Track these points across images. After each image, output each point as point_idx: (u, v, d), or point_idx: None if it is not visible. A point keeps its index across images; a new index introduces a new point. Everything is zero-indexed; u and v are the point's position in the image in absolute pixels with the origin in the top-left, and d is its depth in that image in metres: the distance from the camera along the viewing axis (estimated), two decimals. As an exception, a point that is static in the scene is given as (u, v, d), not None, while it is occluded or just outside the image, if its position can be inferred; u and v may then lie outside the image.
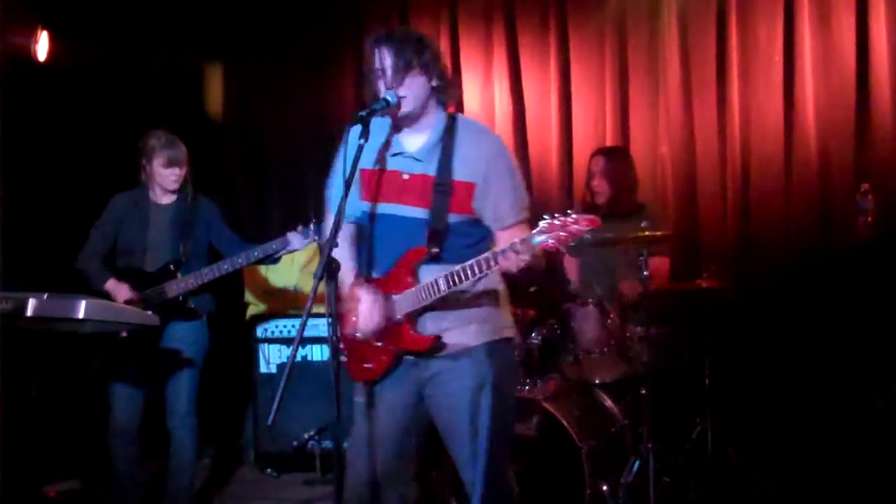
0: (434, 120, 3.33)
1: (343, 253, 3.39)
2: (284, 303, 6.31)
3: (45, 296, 3.96)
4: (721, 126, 5.98)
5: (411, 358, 3.34)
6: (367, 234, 3.40)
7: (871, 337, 5.33)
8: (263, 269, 6.31)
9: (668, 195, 6.07)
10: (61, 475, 5.37)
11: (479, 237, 3.33)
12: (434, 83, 3.29)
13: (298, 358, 5.84)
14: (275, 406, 2.81)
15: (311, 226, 4.79)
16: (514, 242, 2.99)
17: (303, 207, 4.90)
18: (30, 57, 5.75)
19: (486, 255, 3.06)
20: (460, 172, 3.28)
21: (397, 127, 3.34)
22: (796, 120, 5.78)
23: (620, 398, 4.94)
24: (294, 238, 4.80)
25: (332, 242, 2.94)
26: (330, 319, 2.98)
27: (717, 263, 5.55)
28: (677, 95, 6.07)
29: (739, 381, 5.59)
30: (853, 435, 5.24)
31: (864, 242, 5.13)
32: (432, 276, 3.20)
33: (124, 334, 4.36)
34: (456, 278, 3.12)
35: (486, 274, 3.09)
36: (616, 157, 5.53)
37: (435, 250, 3.24)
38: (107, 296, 4.72)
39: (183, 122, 5.31)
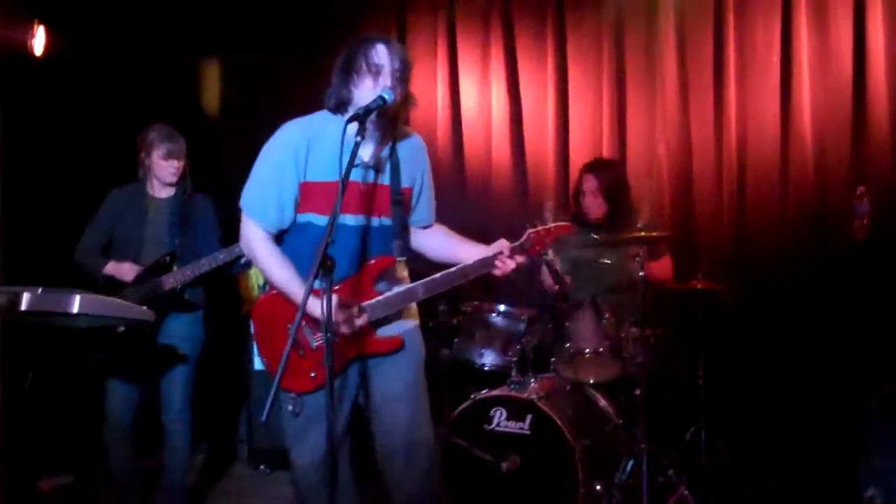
0: (393, 132, 3.42)
1: (284, 260, 3.41)
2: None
3: (40, 290, 3.94)
4: (718, 128, 5.98)
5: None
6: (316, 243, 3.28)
7: (865, 339, 5.34)
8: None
9: (665, 196, 6.08)
10: (55, 470, 5.36)
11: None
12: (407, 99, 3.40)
13: (293, 354, 5.82)
14: (269, 402, 2.81)
15: None
16: (500, 251, 3.22)
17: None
18: (26, 51, 5.75)
19: (471, 263, 3.30)
20: (405, 180, 3.46)
21: (362, 134, 3.18)
22: (793, 122, 5.79)
23: (614, 398, 4.95)
24: None
25: (328, 239, 2.94)
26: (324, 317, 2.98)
27: (713, 264, 5.57)
28: (674, 97, 6.08)
29: (733, 382, 5.59)
30: (847, 436, 5.24)
31: (860, 245, 5.13)
32: (386, 283, 3.35)
33: (122, 329, 4.35)
34: (433, 285, 3.27)
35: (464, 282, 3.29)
36: (608, 175, 5.44)
37: (402, 259, 3.42)
38: (110, 280, 4.73)
39: (179, 116, 5.30)
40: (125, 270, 4.76)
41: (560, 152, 6.34)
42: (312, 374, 3.39)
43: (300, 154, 3.36)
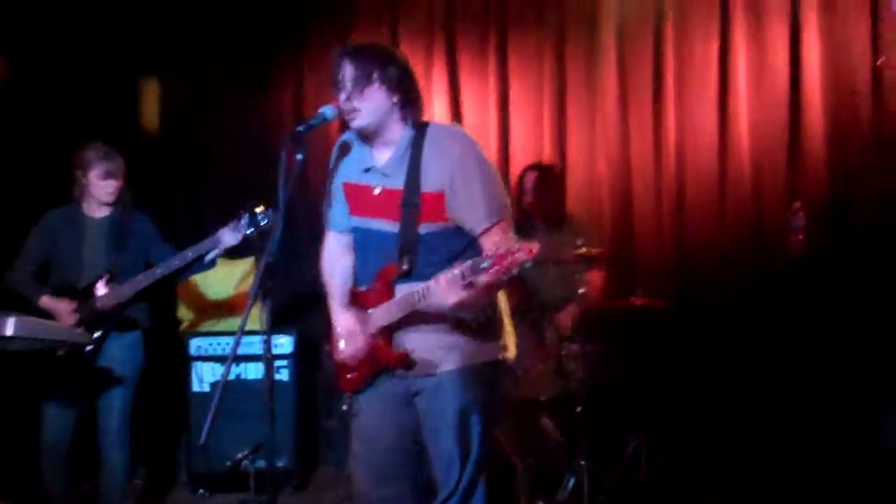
0: (398, 135, 3.29)
1: (332, 267, 3.51)
2: (220, 316, 6.24)
3: (-28, 314, 3.88)
4: (657, 142, 6.05)
5: (393, 374, 3.33)
6: (356, 247, 3.44)
7: (803, 353, 5.41)
8: (199, 283, 6.23)
9: (605, 212, 6.12)
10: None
11: (459, 249, 3.25)
12: (395, 98, 3.25)
13: (232, 376, 5.76)
14: (207, 425, 2.78)
15: (242, 219, 4.73)
16: (463, 267, 2.94)
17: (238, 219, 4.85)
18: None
19: (472, 260, 2.95)
20: (428, 182, 3.23)
21: (367, 141, 3.33)
22: (730, 136, 5.88)
23: (557, 416, 4.96)
24: (224, 234, 4.72)
25: (269, 259, 2.91)
26: (265, 337, 2.96)
27: (652, 281, 5.62)
28: (614, 112, 6.13)
29: (673, 397, 5.63)
30: (787, 452, 5.31)
31: (797, 259, 5.21)
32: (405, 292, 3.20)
33: (61, 352, 4.29)
34: (419, 295, 3.11)
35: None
36: (548, 173, 5.57)
37: (405, 267, 3.21)
38: (44, 313, 4.64)
39: (119, 135, 5.26)
40: (61, 309, 4.68)
41: (501, 167, 6.32)
42: (348, 376, 3.41)
43: (335, 157, 3.45)
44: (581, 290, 4.80)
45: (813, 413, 5.35)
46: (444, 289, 3.02)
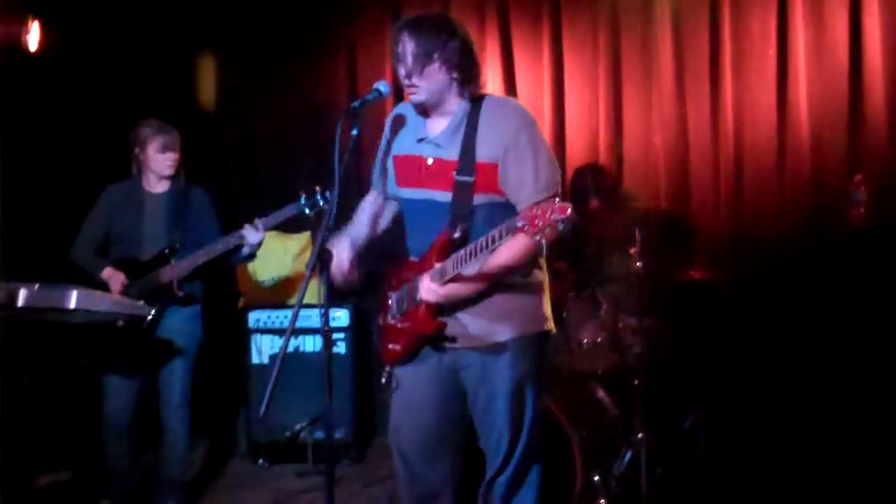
0: (455, 107, 3.31)
1: (358, 213, 3.64)
2: (275, 294, 6.30)
3: (37, 286, 3.94)
4: (714, 118, 5.99)
5: (438, 348, 3.35)
6: (409, 217, 3.47)
7: (864, 328, 5.35)
8: (257, 258, 6.29)
9: (661, 186, 6.07)
10: (53, 466, 5.36)
11: None
12: (455, 75, 3.27)
13: (291, 348, 5.83)
14: (266, 397, 2.81)
15: (259, 220, 4.79)
16: (498, 229, 2.94)
17: (297, 199, 4.89)
18: (21, 47, 5.73)
19: (493, 231, 2.95)
20: (483, 153, 3.24)
21: (424, 113, 3.36)
22: (789, 112, 5.80)
23: (612, 389, 4.95)
24: (248, 232, 4.77)
25: (325, 234, 2.93)
26: (322, 310, 2.98)
27: (710, 255, 5.58)
28: (670, 87, 6.07)
29: (732, 372, 5.59)
30: (845, 428, 5.25)
31: (858, 233, 5.14)
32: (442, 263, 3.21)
33: (121, 323, 4.36)
34: (460, 260, 3.10)
35: (493, 249, 3.00)
36: (600, 174, 5.52)
37: (457, 235, 3.21)
38: (104, 285, 4.71)
39: (175, 113, 5.30)
40: (116, 282, 4.76)
41: (557, 144, 6.31)
42: (390, 346, 3.43)
43: (387, 131, 3.51)
44: (638, 265, 4.76)
45: (872, 390, 5.28)
46: (426, 287, 3.16)
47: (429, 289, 3.21)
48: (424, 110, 3.35)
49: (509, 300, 3.31)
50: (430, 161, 3.33)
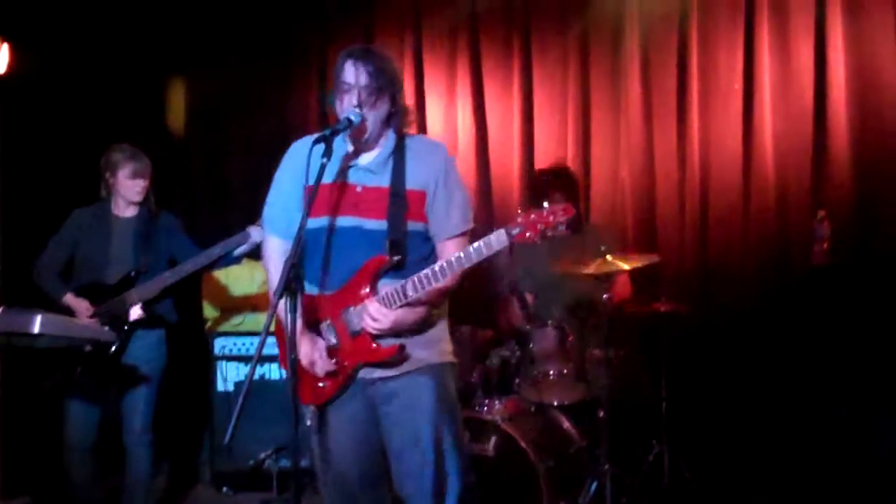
0: (384, 139, 3.37)
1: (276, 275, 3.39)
2: (244, 312, 6.27)
3: (0, 309, 3.92)
4: (681, 151, 6.04)
5: (368, 376, 3.31)
6: (320, 248, 3.33)
7: (825, 360, 5.39)
8: (223, 279, 6.27)
9: (628, 219, 6.13)
10: (12, 492, 5.30)
11: (429, 251, 3.36)
12: (394, 109, 3.34)
13: (256, 376, 5.80)
14: (232, 424, 2.79)
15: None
16: (490, 237, 3.02)
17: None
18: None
19: (457, 254, 3.09)
20: (412, 182, 3.32)
21: (354, 143, 3.34)
22: (755, 147, 5.86)
23: (578, 420, 4.96)
24: (254, 231, 4.76)
25: (293, 260, 2.93)
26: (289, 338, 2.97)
27: (676, 287, 5.62)
28: (638, 120, 6.13)
29: (696, 403, 5.62)
30: (808, 459, 5.29)
31: (820, 268, 5.20)
32: (391, 287, 3.19)
33: (88, 348, 4.32)
34: (424, 281, 3.12)
35: (456, 273, 3.10)
36: (563, 173, 5.54)
37: (397, 258, 3.23)
38: (67, 311, 4.68)
39: (144, 133, 5.31)
40: (81, 309, 4.73)
41: (525, 173, 6.36)
42: (321, 385, 3.36)
43: (299, 164, 3.29)
44: (605, 296, 4.80)
45: (834, 421, 5.32)
46: (375, 312, 3.17)
47: (377, 314, 3.18)
48: (355, 140, 3.31)
49: (432, 328, 3.38)
50: (359, 188, 3.33)
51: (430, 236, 3.36)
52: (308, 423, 3.40)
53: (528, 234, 2.90)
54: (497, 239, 3.03)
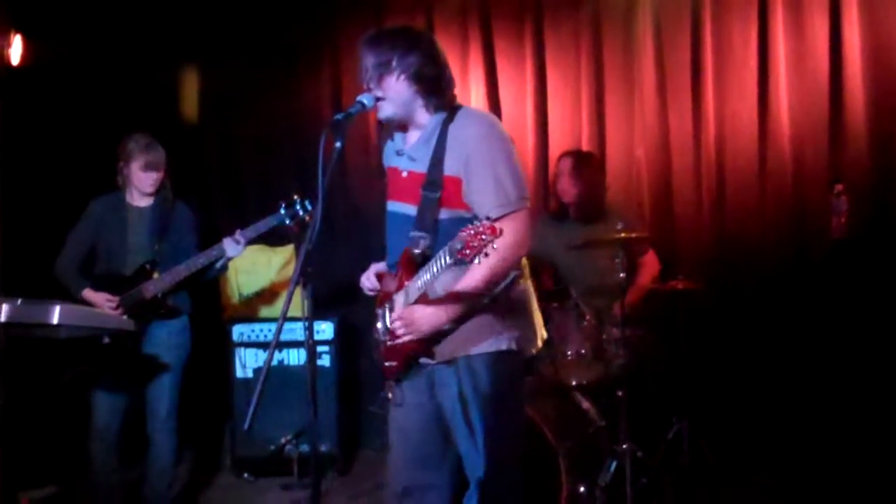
0: (425, 120, 3.32)
1: None
2: (261, 304, 6.30)
3: (19, 301, 3.94)
4: (696, 128, 6.00)
5: (419, 363, 3.36)
6: (388, 231, 3.47)
7: (846, 336, 5.37)
8: (241, 271, 6.30)
9: (644, 197, 6.10)
10: (38, 482, 5.34)
11: None
12: (416, 87, 3.26)
13: (275, 362, 5.83)
14: (251, 410, 2.81)
15: (240, 233, 4.83)
16: (446, 248, 2.92)
17: (276, 210, 4.93)
18: (3, 61, 5.72)
19: (449, 243, 2.89)
20: (450, 167, 3.22)
21: (403, 126, 3.37)
22: (770, 122, 5.81)
23: (597, 400, 4.96)
24: (228, 245, 4.80)
25: (310, 246, 2.93)
26: (306, 323, 2.98)
27: (693, 264, 5.60)
28: (652, 98, 6.10)
29: (715, 381, 5.62)
30: (830, 435, 5.27)
31: (839, 243, 5.16)
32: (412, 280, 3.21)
33: (107, 340, 4.35)
34: (427, 274, 3.10)
35: (455, 263, 2.92)
36: (584, 160, 5.54)
37: (417, 251, 3.20)
38: (86, 304, 4.70)
39: (158, 123, 5.30)
40: (100, 301, 4.75)
41: (539, 154, 6.35)
42: (387, 363, 3.42)
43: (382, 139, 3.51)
44: (622, 275, 4.79)
45: (854, 398, 5.30)
46: (397, 310, 3.21)
47: (397, 317, 3.23)
48: (403, 124, 3.36)
49: (478, 316, 3.27)
50: (404, 174, 3.36)
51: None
52: (388, 395, 3.46)
53: (465, 252, 2.76)
54: (445, 256, 2.92)
